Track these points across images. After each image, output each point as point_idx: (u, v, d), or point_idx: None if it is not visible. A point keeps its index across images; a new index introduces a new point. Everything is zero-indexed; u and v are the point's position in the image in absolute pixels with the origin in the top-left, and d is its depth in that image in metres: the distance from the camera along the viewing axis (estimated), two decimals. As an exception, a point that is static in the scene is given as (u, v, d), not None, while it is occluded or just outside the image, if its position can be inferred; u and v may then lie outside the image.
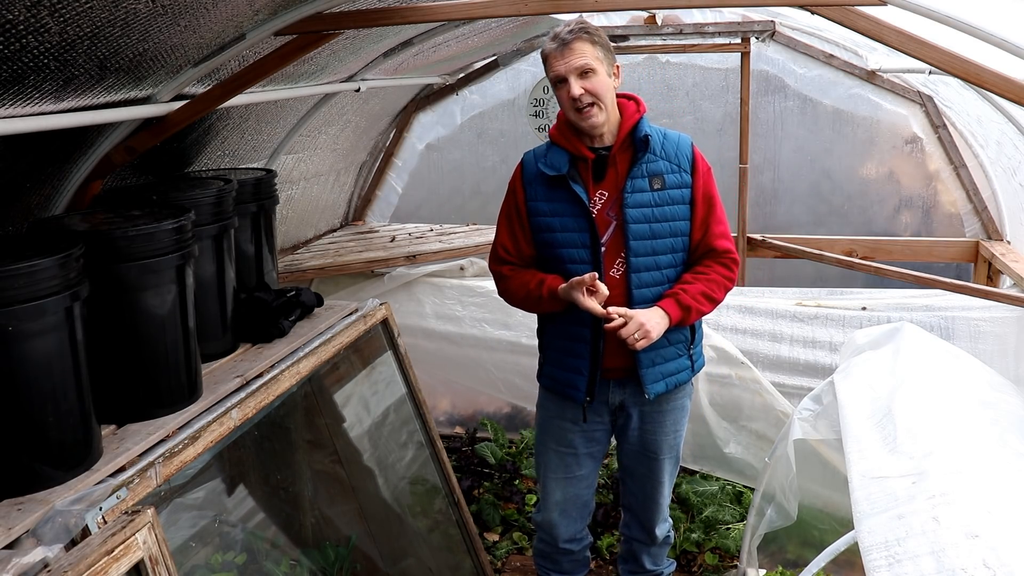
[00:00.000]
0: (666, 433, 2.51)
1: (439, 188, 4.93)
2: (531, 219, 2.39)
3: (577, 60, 2.21)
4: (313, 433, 2.84)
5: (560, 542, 2.64)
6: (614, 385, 2.44)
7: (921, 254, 4.23)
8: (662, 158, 2.34)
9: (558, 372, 2.47)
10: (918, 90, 4.22)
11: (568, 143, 2.33)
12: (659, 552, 2.72)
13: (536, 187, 2.38)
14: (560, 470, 2.56)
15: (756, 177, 4.44)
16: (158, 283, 1.98)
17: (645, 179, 2.31)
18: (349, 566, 2.73)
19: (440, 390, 4.40)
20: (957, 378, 2.30)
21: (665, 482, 2.58)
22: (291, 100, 3.21)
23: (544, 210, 2.37)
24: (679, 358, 2.44)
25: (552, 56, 2.24)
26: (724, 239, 2.40)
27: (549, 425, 2.56)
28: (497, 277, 2.50)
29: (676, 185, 2.34)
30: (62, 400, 1.71)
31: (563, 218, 2.34)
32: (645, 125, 2.33)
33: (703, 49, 4.09)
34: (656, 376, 2.40)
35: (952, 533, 1.50)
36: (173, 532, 2.09)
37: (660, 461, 2.53)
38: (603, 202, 2.33)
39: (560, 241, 2.35)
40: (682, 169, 2.35)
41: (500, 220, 2.49)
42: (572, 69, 2.21)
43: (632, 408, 2.47)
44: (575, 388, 2.42)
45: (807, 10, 2.03)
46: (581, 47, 2.21)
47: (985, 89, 1.97)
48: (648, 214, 2.32)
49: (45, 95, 1.83)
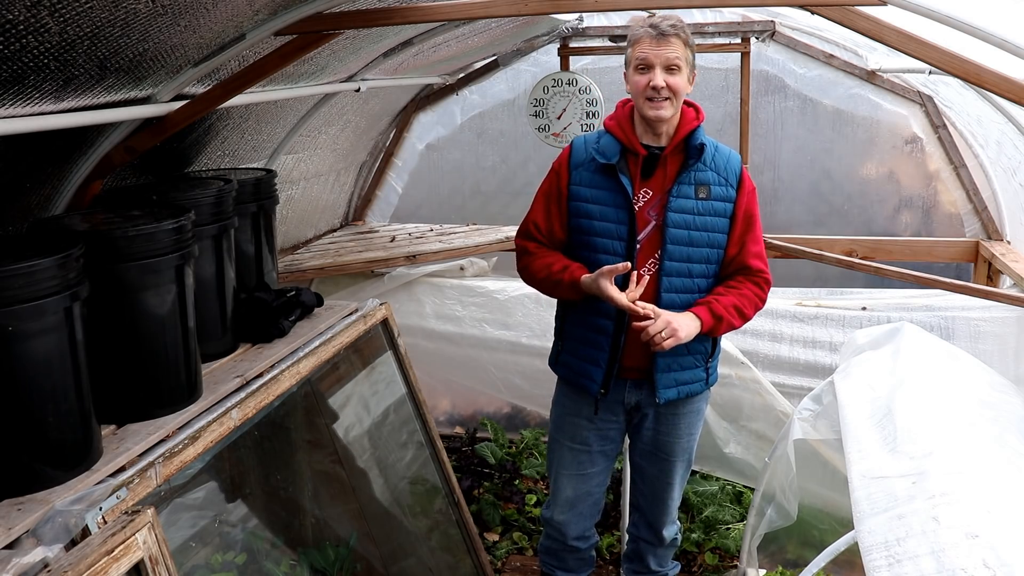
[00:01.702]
0: (680, 436, 2.51)
1: (439, 188, 4.93)
2: (571, 203, 2.39)
3: (670, 53, 2.25)
4: (313, 433, 2.84)
5: (569, 539, 2.64)
6: (631, 385, 2.44)
7: (921, 254, 4.23)
8: (711, 169, 2.35)
9: (575, 362, 2.47)
10: (918, 90, 4.22)
11: (623, 135, 2.34)
12: (665, 554, 2.72)
13: (582, 172, 2.38)
14: (573, 467, 2.56)
15: (756, 177, 4.38)
16: (158, 283, 1.98)
17: (692, 186, 2.33)
18: (349, 566, 2.73)
19: (440, 390, 4.40)
20: (957, 378, 2.30)
21: (675, 484, 2.58)
22: (291, 100, 3.20)
23: (586, 196, 2.37)
24: (695, 368, 2.44)
25: (644, 41, 2.26)
26: (759, 260, 2.41)
27: (564, 422, 2.56)
28: (521, 251, 2.50)
29: (720, 198, 2.35)
30: (62, 400, 1.71)
31: (604, 207, 2.34)
32: (702, 134, 2.36)
33: (703, 49, 4.08)
34: (670, 382, 2.40)
35: (952, 533, 1.50)
36: (173, 532, 2.08)
37: (672, 463, 2.53)
38: (646, 200, 2.34)
39: (597, 230, 2.35)
40: (729, 184, 2.36)
41: (537, 198, 2.48)
42: (662, 60, 2.24)
43: (648, 409, 2.48)
44: (591, 379, 2.42)
45: (807, 10, 2.03)
46: (676, 43, 2.26)
47: (985, 89, 1.97)
48: (689, 220, 2.32)
49: (45, 95, 1.83)
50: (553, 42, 4.37)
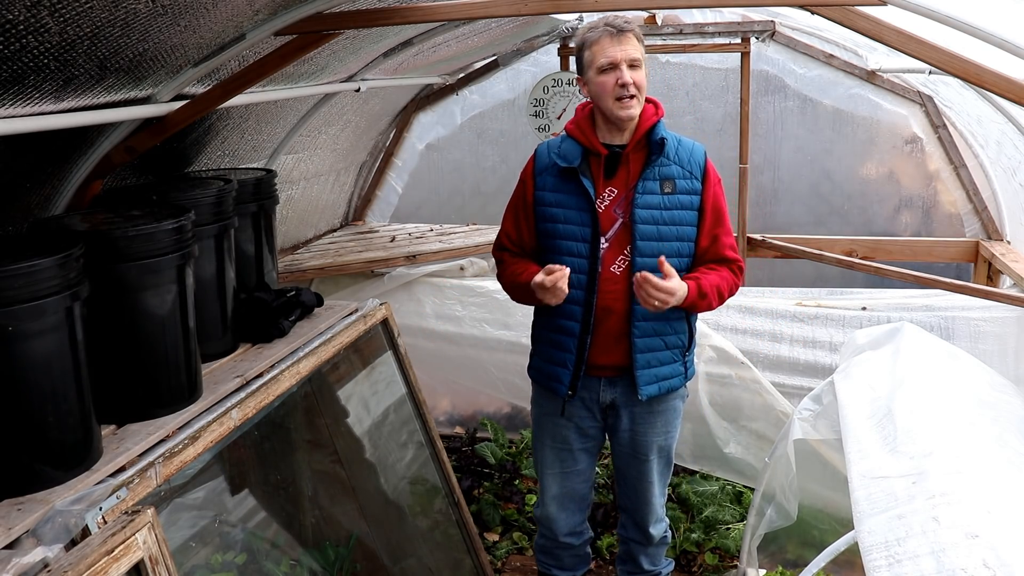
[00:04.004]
0: (657, 434, 2.52)
1: (439, 188, 4.93)
2: (536, 208, 2.43)
3: (632, 50, 2.26)
4: (313, 433, 2.84)
5: (560, 536, 2.66)
6: (605, 383, 2.46)
7: (921, 254, 4.23)
8: (675, 163, 2.36)
9: (545, 365, 2.51)
10: (918, 90, 4.22)
11: (583, 137, 2.36)
12: (656, 552, 2.72)
13: (546, 177, 2.41)
14: (556, 465, 2.60)
15: (756, 177, 4.44)
16: (158, 283, 1.98)
17: (656, 181, 2.34)
18: (349, 566, 2.73)
19: (440, 390, 4.40)
20: (957, 378, 2.30)
21: (656, 482, 2.58)
22: (291, 100, 3.20)
23: (551, 200, 2.40)
24: (674, 363, 2.46)
25: (605, 41, 2.26)
26: (733, 251, 2.45)
27: (543, 422, 2.60)
28: (497, 262, 2.58)
29: (686, 191, 2.36)
30: (62, 400, 1.71)
31: (567, 210, 2.37)
32: (662, 128, 2.36)
33: (703, 49, 4.09)
34: (651, 378, 2.41)
35: (952, 533, 1.50)
36: (173, 532, 2.08)
37: (649, 462, 2.54)
38: (611, 199, 2.35)
39: (561, 233, 2.38)
40: (693, 176, 2.37)
41: (507, 209, 2.53)
42: (625, 57, 2.25)
43: (623, 408, 2.49)
44: (559, 382, 2.45)
45: (807, 10, 2.03)
46: (633, 39, 2.28)
47: (985, 89, 1.97)
48: (657, 216, 2.34)
49: (45, 95, 1.82)
50: (553, 42, 4.37)
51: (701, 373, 3.37)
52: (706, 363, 3.38)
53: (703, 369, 3.38)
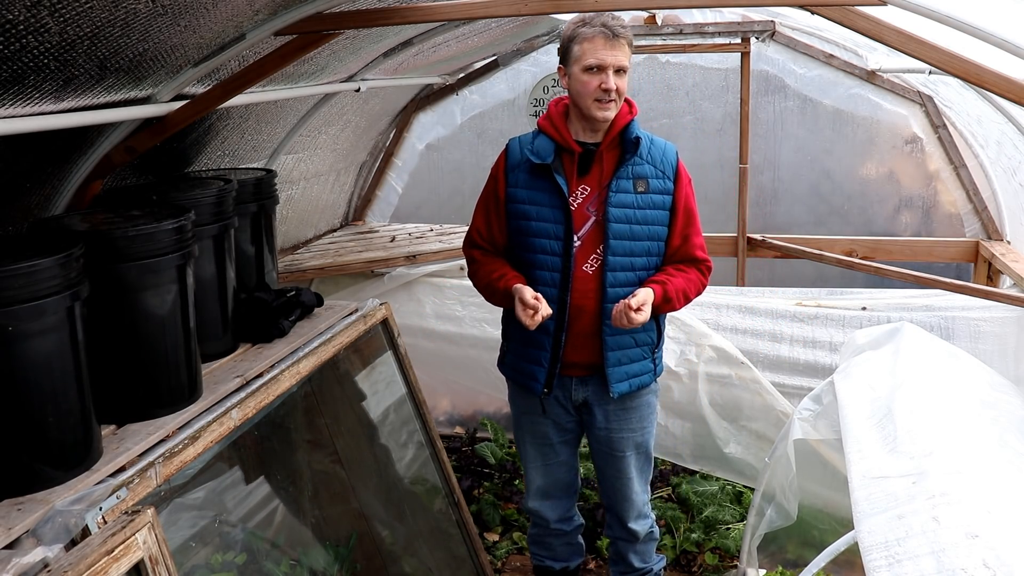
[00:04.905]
0: (632, 430, 2.53)
1: (439, 188, 4.93)
2: (508, 205, 2.42)
3: (622, 57, 2.26)
4: (313, 433, 2.84)
5: (552, 523, 2.70)
6: (577, 382, 2.48)
7: (921, 254, 4.23)
8: (648, 162, 2.38)
9: (519, 362, 2.52)
10: (918, 90, 4.22)
11: (556, 133, 2.36)
12: (645, 549, 2.72)
13: (518, 174, 2.41)
14: (539, 459, 2.64)
15: (756, 177, 4.44)
16: (158, 283, 1.98)
17: (630, 180, 2.35)
18: (349, 566, 2.73)
19: (440, 390, 4.40)
20: (957, 378, 2.30)
21: (634, 478, 2.59)
22: (291, 100, 3.20)
23: (523, 197, 2.40)
24: (643, 360, 2.48)
25: (599, 42, 2.25)
26: (702, 250, 2.48)
27: (522, 420, 2.63)
28: (468, 260, 2.57)
29: (659, 191, 2.38)
30: (62, 400, 1.71)
31: (540, 207, 2.37)
32: (636, 127, 2.37)
33: (703, 49, 4.09)
34: (621, 376, 2.43)
35: (952, 533, 1.50)
36: (173, 532, 2.08)
37: (626, 458, 2.56)
38: (584, 197, 2.35)
39: (534, 230, 2.38)
40: (666, 176, 2.39)
41: (478, 204, 2.53)
42: (615, 63, 2.25)
43: (596, 406, 2.51)
44: (534, 379, 2.47)
45: (807, 10, 2.03)
46: (625, 46, 2.27)
47: (985, 89, 1.97)
48: (630, 215, 2.35)
49: (45, 95, 1.83)
50: (553, 42, 4.38)
51: (701, 373, 3.38)
52: (706, 363, 3.38)
53: (703, 369, 3.38)
